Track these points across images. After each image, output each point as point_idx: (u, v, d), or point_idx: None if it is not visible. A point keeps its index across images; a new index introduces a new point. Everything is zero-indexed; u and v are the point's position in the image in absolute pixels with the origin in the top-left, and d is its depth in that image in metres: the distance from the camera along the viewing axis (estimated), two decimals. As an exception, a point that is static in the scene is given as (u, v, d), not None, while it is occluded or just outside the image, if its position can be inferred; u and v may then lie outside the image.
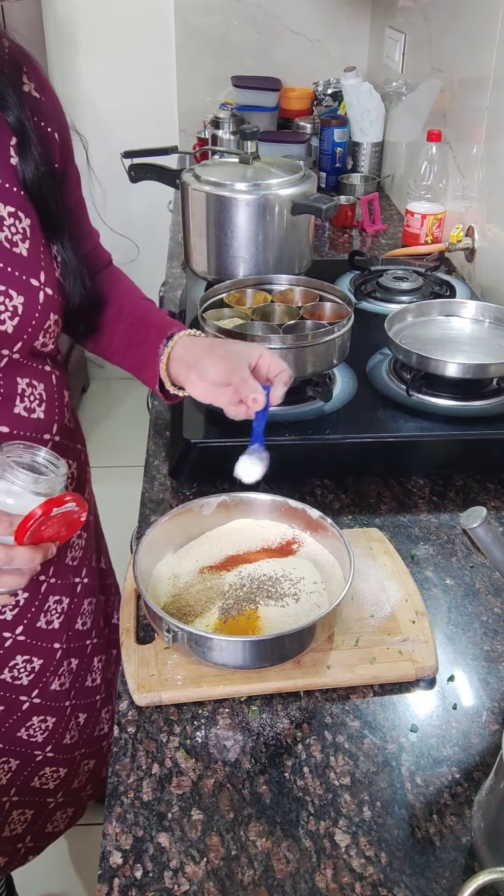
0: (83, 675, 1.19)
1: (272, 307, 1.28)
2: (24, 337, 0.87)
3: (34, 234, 0.87)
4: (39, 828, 1.26)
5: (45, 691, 1.11)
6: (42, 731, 1.13)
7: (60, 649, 1.11)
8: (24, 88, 0.86)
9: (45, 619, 1.07)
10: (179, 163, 2.28)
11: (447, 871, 0.68)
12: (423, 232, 1.91)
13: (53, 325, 0.91)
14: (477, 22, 1.64)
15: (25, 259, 0.85)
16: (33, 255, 0.86)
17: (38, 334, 0.88)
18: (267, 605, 0.88)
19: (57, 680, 1.12)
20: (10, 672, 1.05)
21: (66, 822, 1.32)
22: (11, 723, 1.09)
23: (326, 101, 2.61)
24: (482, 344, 1.30)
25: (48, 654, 1.09)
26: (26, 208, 0.86)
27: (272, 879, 0.68)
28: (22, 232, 0.85)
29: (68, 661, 1.14)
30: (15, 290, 0.84)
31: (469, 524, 0.73)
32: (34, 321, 0.87)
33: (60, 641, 1.11)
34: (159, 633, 0.83)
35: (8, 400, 0.90)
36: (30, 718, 1.11)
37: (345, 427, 1.16)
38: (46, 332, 0.90)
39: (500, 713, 0.83)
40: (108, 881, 0.68)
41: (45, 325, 0.89)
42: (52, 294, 0.88)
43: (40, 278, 0.86)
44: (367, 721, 0.82)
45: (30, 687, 1.09)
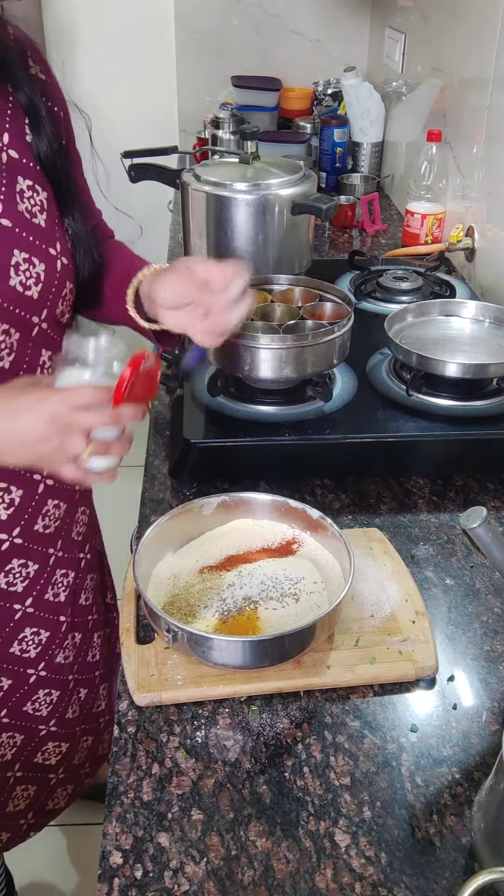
0: (85, 650, 1.22)
1: (272, 307, 1.28)
2: (48, 304, 0.90)
3: (50, 206, 0.91)
4: (41, 804, 1.28)
5: (50, 664, 1.13)
6: (47, 705, 1.15)
7: (66, 622, 1.13)
8: (31, 71, 0.91)
9: (53, 592, 1.09)
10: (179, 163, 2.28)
11: (447, 872, 0.68)
12: (423, 232, 1.91)
13: (69, 294, 0.94)
14: (477, 22, 1.64)
15: (44, 229, 0.89)
16: (50, 226, 0.90)
17: (58, 302, 0.92)
18: (267, 605, 0.88)
19: (62, 653, 1.14)
20: (18, 645, 1.07)
21: (66, 800, 1.34)
22: (18, 697, 1.11)
23: (326, 101, 2.61)
24: (482, 344, 1.30)
25: (55, 627, 1.12)
26: (42, 182, 0.90)
27: (272, 879, 0.68)
28: (40, 204, 0.89)
29: (72, 634, 1.16)
30: (37, 258, 0.88)
31: (469, 524, 0.73)
32: (54, 288, 0.90)
33: (66, 615, 1.13)
34: (159, 633, 0.83)
35: (34, 372, 0.93)
36: (36, 692, 1.13)
37: (345, 427, 1.16)
38: (64, 301, 0.93)
39: (500, 713, 0.83)
40: (108, 881, 0.68)
41: (63, 293, 0.92)
42: (67, 263, 0.92)
43: (56, 248, 0.90)
44: (367, 721, 0.82)
45: (37, 660, 1.11)
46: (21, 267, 0.86)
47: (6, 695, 1.10)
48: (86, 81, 2.86)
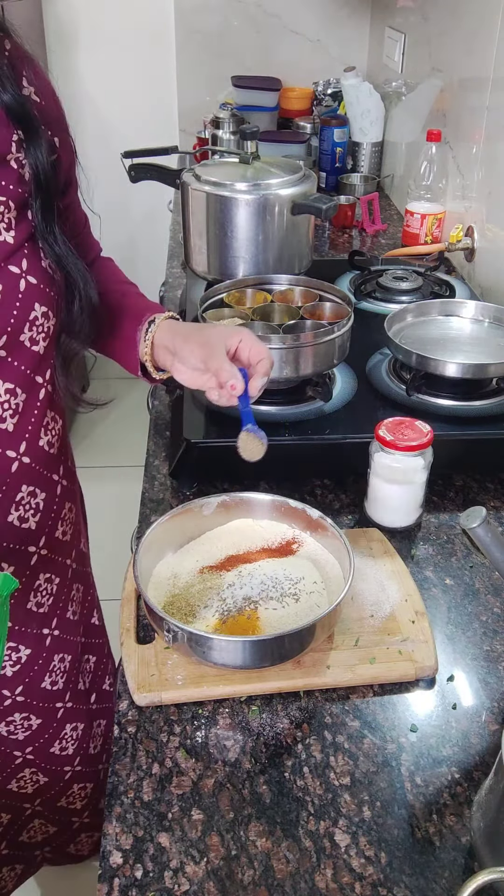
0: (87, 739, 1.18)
1: (272, 307, 1.28)
2: (8, 329, 0.83)
3: (21, 226, 0.84)
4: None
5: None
6: (32, 783, 1.14)
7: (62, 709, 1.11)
8: (23, 92, 0.84)
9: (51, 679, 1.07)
10: (179, 163, 2.28)
11: (447, 871, 0.68)
12: (423, 232, 1.92)
13: (42, 318, 0.86)
14: (477, 22, 1.64)
15: (9, 246, 0.82)
16: (17, 244, 0.83)
17: (22, 326, 0.85)
18: (267, 605, 0.88)
19: (5, 726, 1.08)
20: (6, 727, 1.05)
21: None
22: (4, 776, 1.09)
23: (326, 101, 2.61)
24: (482, 344, 1.30)
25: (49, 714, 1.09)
26: (19, 201, 0.84)
27: (272, 879, 0.68)
28: (7, 222, 0.82)
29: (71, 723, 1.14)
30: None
31: (469, 524, 0.73)
32: (16, 310, 0.83)
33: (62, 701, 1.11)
34: (159, 633, 0.83)
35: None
36: (22, 771, 1.11)
37: (345, 427, 1.16)
38: (33, 326, 0.86)
39: (499, 713, 0.83)
40: (108, 881, 0.68)
41: (31, 317, 0.85)
42: (37, 283, 0.85)
43: (21, 266, 0.83)
44: (366, 721, 0.82)
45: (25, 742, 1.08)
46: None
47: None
48: (86, 81, 2.86)
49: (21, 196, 0.83)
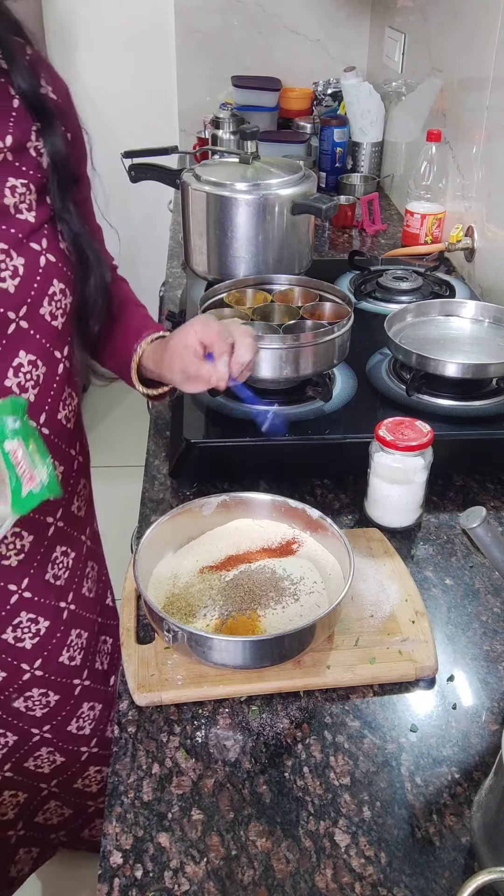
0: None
1: (272, 307, 1.28)
2: (28, 300, 0.87)
3: (41, 208, 0.89)
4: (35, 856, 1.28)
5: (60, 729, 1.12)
6: (49, 763, 1.15)
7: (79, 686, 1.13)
8: (41, 90, 0.89)
9: (69, 655, 1.09)
10: (179, 163, 2.28)
11: (447, 871, 0.68)
12: (423, 232, 1.91)
13: (59, 295, 0.91)
14: (477, 22, 1.64)
15: (29, 224, 0.88)
16: (38, 223, 0.89)
17: (41, 299, 0.89)
18: (267, 605, 0.88)
19: (24, 701, 1.10)
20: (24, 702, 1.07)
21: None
22: (21, 755, 1.11)
23: (326, 101, 2.61)
24: (482, 344, 1.30)
25: (66, 690, 1.10)
26: (40, 186, 0.89)
27: (272, 879, 0.68)
28: (28, 203, 0.88)
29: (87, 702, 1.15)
30: (16, 252, 0.86)
31: (469, 524, 0.73)
32: (36, 284, 0.88)
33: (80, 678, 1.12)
34: (159, 633, 0.83)
35: (1, 371, 0.88)
36: (39, 750, 1.12)
37: (345, 427, 1.16)
38: (52, 300, 0.90)
39: (499, 713, 0.83)
40: (108, 881, 0.68)
41: (50, 292, 0.90)
42: (55, 261, 0.90)
43: (42, 244, 0.89)
44: (366, 721, 0.82)
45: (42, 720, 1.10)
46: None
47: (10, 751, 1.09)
48: (86, 81, 2.86)
49: (40, 181, 0.89)
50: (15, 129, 0.86)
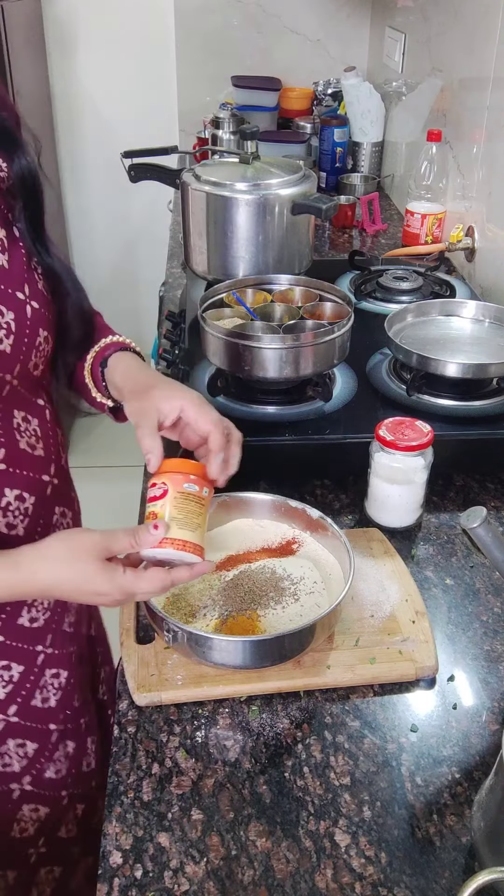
0: (78, 760, 1.06)
1: (272, 307, 1.28)
2: (21, 357, 0.83)
3: (12, 245, 0.83)
4: None
5: (39, 778, 0.99)
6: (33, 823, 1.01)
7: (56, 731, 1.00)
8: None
9: (42, 697, 0.97)
10: (179, 163, 2.28)
11: (447, 871, 0.68)
12: (423, 232, 1.91)
13: (44, 343, 0.86)
14: (477, 22, 1.64)
15: (7, 271, 0.81)
16: (15, 267, 0.82)
17: (31, 353, 0.84)
18: (267, 605, 0.88)
19: (52, 766, 1.01)
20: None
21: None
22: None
23: (326, 101, 2.61)
24: (482, 344, 1.30)
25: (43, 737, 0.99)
26: (3, 220, 0.83)
27: (272, 879, 0.68)
28: (1, 244, 0.81)
29: (63, 744, 1.03)
30: (4, 306, 0.80)
31: (469, 524, 0.73)
32: (26, 339, 0.83)
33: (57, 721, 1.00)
34: (159, 633, 0.83)
35: (10, 435, 0.84)
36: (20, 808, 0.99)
37: (345, 427, 1.16)
38: (38, 352, 0.85)
39: (500, 713, 0.83)
40: (108, 881, 0.68)
41: (36, 343, 0.84)
42: (39, 308, 0.84)
43: (25, 291, 0.83)
44: (367, 721, 0.82)
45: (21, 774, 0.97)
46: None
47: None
48: (86, 81, 2.86)
49: (5, 216, 0.82)
50: None
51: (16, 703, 0.94)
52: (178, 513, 0.78)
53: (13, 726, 0.94)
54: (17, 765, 0.96)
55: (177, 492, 0.78)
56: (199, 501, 0.79)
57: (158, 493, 0.79)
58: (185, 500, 0.79)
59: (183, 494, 0.79)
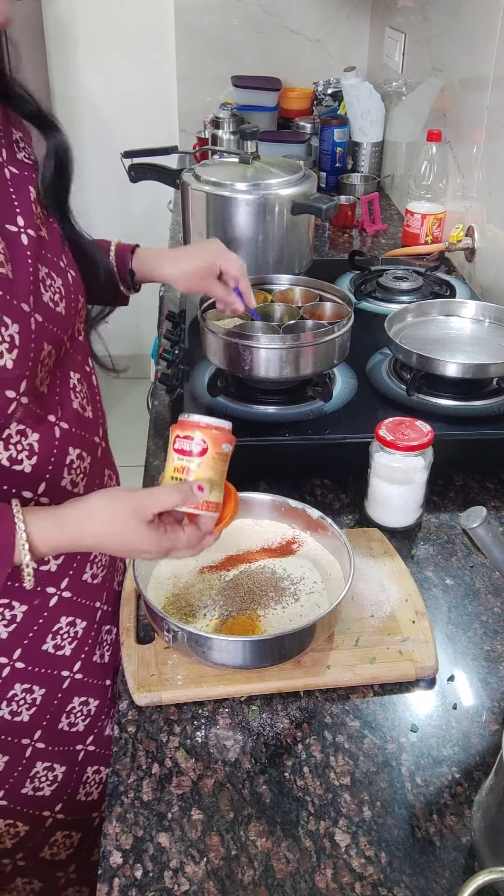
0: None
1: (272, 307, 1.28)
2: (72, 321, 0.88)
3: (47, 219, 0.88)
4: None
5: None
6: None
7: None
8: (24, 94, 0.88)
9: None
10: (179, 163, 2.28)
11: (447, 871, 0.68)
12: (423, 232, 1.91)
13: (82, 309, 0.92)
14: (477, 22, 1.64)
15: (49, 243, 0.86)
16: (53, 239, 0.88)
17: (74, 318, 0.89)
18: (267, 605, 0.88)
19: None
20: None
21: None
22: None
23: (326, 101, 2.61)
24: (482, 344, 1.30)
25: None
26: (38, 199, 0.88)
27: (272, 879, 0.68)
28: (42, 216, 0.86)
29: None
30: (55, 273, 0.85)
31: (469, 524, 0.73)
32: (73, 302, 0.88)
33: None
34: (159, 633, 0.83)
35: (66, 395, 0.89)
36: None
37: (345, 427, 1.16)
38: (79, 316, 0.91)
39: (500, 713, 0.83)
40: (108, 881, 0.68)
41: (79, 307, 0.90)
42: (76, 276, 0.90)
43: (63, 260, 0.88)
44: (367, 721, 0.82)
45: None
46: (47, 282, 0.82)
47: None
48: (86, 81, 2.86)
49: (36, 195, 0.87)
50: (6, 141, 0.83)
51: (80, 661, 0.97)
52: (214, 474, 0.79)
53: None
54: (82, 724, 0.99)
55: (216, 452, 0.79)
56: (226, 461, 0.81)
57: (196, 449, 0.79)
58: (222, 461, 0.80)
59: (220, 455, 0.79)
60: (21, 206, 0.82)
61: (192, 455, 0.78)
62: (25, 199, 0.82)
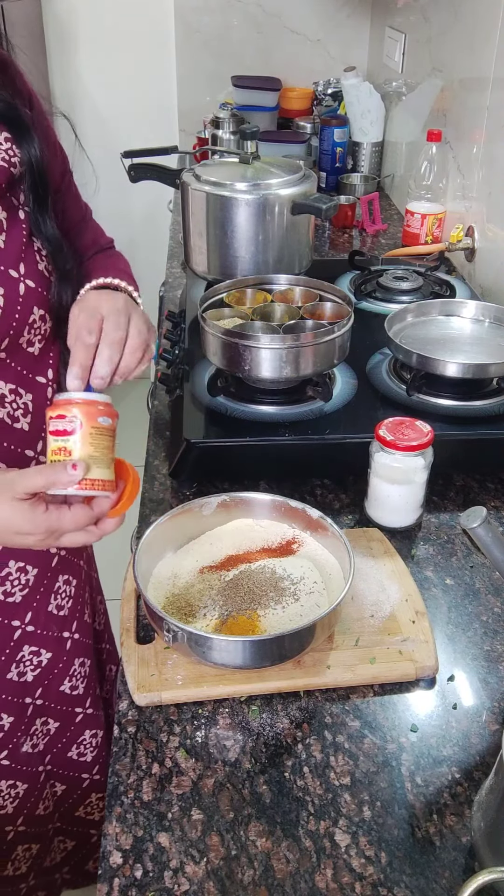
0: (65, 742, 1.11)
1: (272, 307, 1.28)
2: (10, 332, 0.84)
3: (13, 226, 0.84)
4: None
5: (15, 752, 1.02)
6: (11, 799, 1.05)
7: (31, 706, 1.04)
8: (8, 99, 0.85)
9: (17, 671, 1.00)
10: (179, 163, 2.28)
11: (447, 871, 0.68)
12: (423, 232, 1.91)
13: (39, 321, 0.88)
14: (477, 22, 1.64)
15: (2, 250, 0.83)
16: (11, 247, 0.84)
17: (22, 329, 0.86)
18: (267, 604, 0.88)
19: (29, 740, 1.05)
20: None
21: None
22: None
23: (326, 101, 2.61)
24: (482, 344, 1.30)
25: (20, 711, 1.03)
26: (4, 201, 0.84)
27: (272, 879, 0.68)
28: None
29: (43, 719, 1.07)
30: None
31: (469, 524, 0.73)
32: (17, 314, 0.84)
33: (32, 696, 1.03)
34: (159, 633, 0.83)
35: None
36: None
37: (345, 427, 1.16)
38: (31, 328, 0.87)
39: (500, 713, 0.83)
40: (108, 881, 0.68)
41: (30, 320, 0.86)
42: (35, 287, 0.86)
43: (19, 269, 0.84)
44: (367, 721, 0.82)
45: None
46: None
47: None
48: (86, 81, 2.86)
49: (7, 197, 0.84)
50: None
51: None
52: (96, 450, 0.72)
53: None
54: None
55: (92, 427, 0.72)
56: (111, 435, 0.74)
57: (69, 427, 0.72)
58: (102, 435, 0.73)
59: (99, 430, 0.73)
60: None
61: (68, 434, 0.71)
62: None
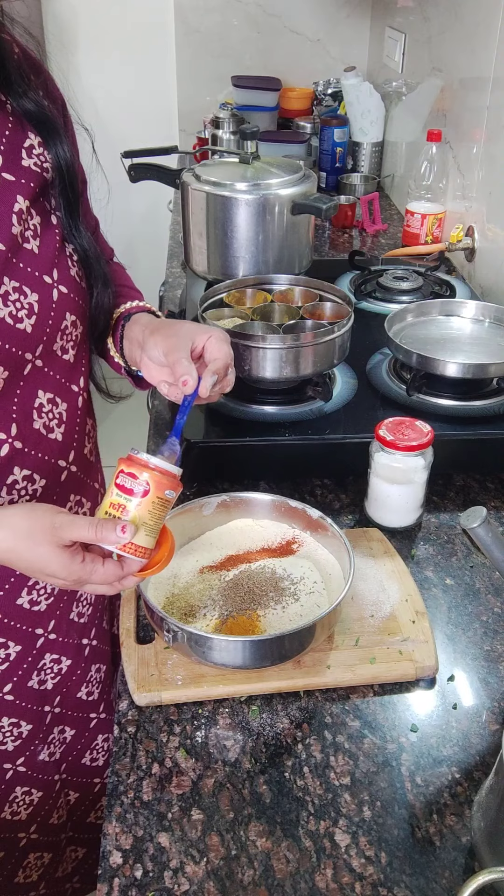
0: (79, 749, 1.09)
1: (272, 307, 1.28)
2: (44, 339, 0.83)
3: (46, 231, 0.84)
4: None
5: (32, 760, 1.01)
6: (26, 806, 1.03)
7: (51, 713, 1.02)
8: (39, 100, 0.84)
9: (38, 679, 0.98)
10: (179, 163, 2.28)
11: (447, 871, 0.68)
12: (423, 232, 1.91)
13: (71, 327, 0.87)
14: (477, 22, 1.64)
15: (37, 255, 0.83)
16: (46, 252, 0.84)
17: (55, 335, 0.85)
18: (267, 605, 0.88)
19: (47, 748, 1.03)
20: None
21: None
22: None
23: (326, 101, 2.61)
24: (482, 344, 1.30)
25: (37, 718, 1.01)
26: (39, 205, 0.84)
27: (272, 879, 0.68)
28: (33, 229, 0.82)
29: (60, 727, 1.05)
30: (28, 287, 0.81)
31: (469, 524, 0.73)
32: (50, 320, 0.84)
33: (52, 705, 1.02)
34: (159, 633, 0.83)
35: (27, 414, 0.84)
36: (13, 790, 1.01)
37: (345, 427, 1.16)
38: (64, 335, 0.86)
39: (500, 713, 0.83)
40: (108, 881, 0.68)
41: (62, 326, 0.86)
42: (67, 292, 0.86)
43: (53, 275, 0.84)
44: (367, 721, 0.82)
45: (15, 754, 0.99)
46: (11, 297, 0.78)
47: None
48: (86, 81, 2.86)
49: (42, 201, 0.84)
50: (7, 147, 0.80)
51: (11, 682, 0.95)
52: (150, 518, 0.74)
53: (7, 704, 0.96)
54: (11, 745, 0.98)
55: (157, 496, 0.74)
56: (169, 507, 0.76)
57: (138, 489, 0.74)
58: (162, 506, 0.74)
59: (161, 501, 0.74)
60: (1, 213, 0.78)
61: (133, 494, 0.73)
62: (7, 208, 0.79)
